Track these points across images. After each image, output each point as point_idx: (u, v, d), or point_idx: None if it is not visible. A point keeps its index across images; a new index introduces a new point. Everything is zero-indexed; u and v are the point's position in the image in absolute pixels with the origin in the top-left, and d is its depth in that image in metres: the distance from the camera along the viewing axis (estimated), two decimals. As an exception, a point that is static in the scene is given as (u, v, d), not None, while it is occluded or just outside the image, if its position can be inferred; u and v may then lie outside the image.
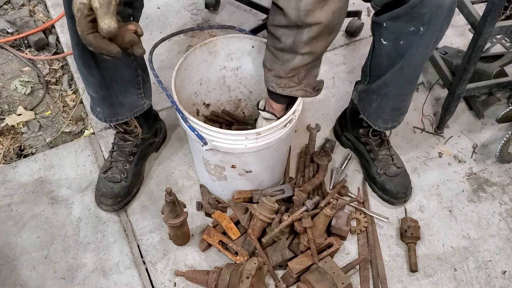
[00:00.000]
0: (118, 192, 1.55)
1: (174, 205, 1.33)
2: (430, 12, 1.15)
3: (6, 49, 2.07)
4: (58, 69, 2.03)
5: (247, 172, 1.46)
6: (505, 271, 1.50)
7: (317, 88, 1.29)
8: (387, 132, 1.62)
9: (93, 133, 1.79)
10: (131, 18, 1.25)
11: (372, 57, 1.39)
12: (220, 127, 1.64)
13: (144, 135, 1.60)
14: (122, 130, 1.55)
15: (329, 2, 1.09)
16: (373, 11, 1.31)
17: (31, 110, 1.89)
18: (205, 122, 1.64)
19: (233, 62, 1.55)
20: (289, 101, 1.33)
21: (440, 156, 1.76)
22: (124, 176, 1.56)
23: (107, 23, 0.89)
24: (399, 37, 1.24)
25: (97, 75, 1.31)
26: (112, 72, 1.31)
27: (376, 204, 1.62)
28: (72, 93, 1.96)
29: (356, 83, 1.55)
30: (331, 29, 1.15)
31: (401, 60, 1.27)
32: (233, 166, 1.42)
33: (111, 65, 1.30)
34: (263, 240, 1.44)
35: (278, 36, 1.17)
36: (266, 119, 1.41)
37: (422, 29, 1.19)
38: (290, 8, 1.09)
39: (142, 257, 1.50)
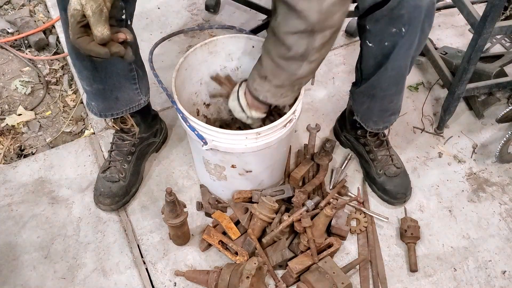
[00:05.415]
0: (116, 191, 1.55)
1: (174, 205, 1.33)
2: (409, 13, 1.17)
3: (7, 49, 2.07)
4: (58, 69, 2.03)
5: (247, 172, 1.46)
6: (505, 271, 1.50)
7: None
8: (386, 132, 1.63)
9: (93, 133, 1.79)
10: (123, 11, 1.23)
11: (361, 59, 1.41)
12: (220, 127, 1.64)
13: (142, 134, 1.60)
14: (119, 129, 1.55)
15: (345, 3, 1.05)
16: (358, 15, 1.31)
17: (31, 110, 1.89)
18: (205, 122, 1.63)
19: (233, 62, 1.55)
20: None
21: (440, 156, 1.76)
22: (122, 176, 1.56)
23: (100, 30, 0.95)
24: (382, 38, 1.25)
25: (91, 67, 1.31)
26: (105, 65, 1.32)
27: (376, 204, 1.62)
28: (73, 93, 1.96)
29: (352, 84, 1.56)
30: (338, 32, 1.12)
31: (386, 61, 1.29)
32: (233, 166, 1.42)
33: None
34: (263, 240, 1.44)
35: (290, 44, 1.09)
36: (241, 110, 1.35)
37: (403, 30, 1.20)
38: (311, 11, 1.01)
39: (142, 257, 1.50)
